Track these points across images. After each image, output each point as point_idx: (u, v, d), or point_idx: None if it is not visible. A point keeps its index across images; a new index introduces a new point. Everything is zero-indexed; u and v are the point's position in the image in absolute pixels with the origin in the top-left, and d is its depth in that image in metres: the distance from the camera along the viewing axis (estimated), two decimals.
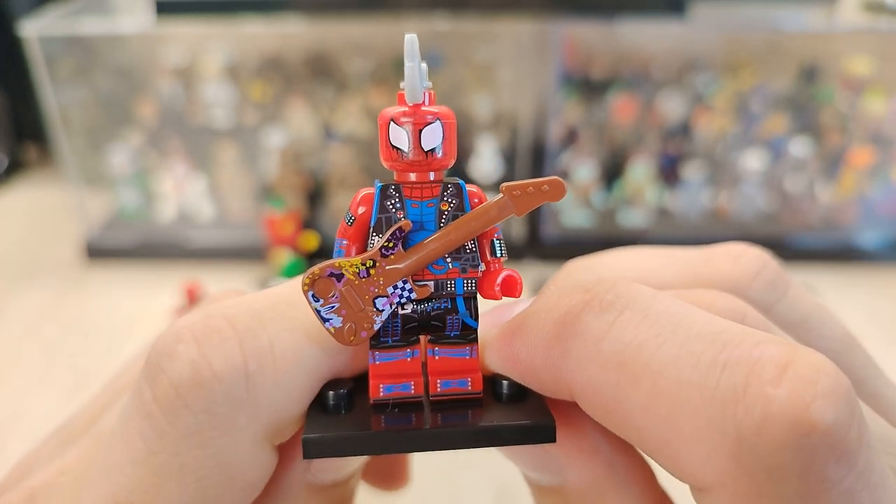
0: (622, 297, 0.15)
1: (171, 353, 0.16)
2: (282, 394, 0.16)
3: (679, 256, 0.20)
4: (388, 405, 0.17)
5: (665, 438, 0.13)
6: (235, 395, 0.16)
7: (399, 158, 0.16)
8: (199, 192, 0.81)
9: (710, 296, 0.17)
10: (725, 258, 0.19)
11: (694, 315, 0.14)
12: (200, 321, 0.16)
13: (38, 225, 0.86)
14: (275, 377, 0.16)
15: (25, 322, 0.67)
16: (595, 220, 0.80)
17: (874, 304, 0.69)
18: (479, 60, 0.83)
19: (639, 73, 0.82)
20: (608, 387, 0.14)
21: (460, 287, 0.17)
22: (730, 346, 0.13)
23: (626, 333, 0.14)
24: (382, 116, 0.17)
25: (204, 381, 0.16)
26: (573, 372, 0.15)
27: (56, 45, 0.75)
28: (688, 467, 0.13)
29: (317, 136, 0.81)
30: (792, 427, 0.12)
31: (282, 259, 0.73)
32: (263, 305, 0.17)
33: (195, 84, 0.82)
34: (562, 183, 0.16)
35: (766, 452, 0.12)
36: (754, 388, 0.12)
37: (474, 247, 0.17)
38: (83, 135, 0.82)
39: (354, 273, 0.16)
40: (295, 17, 0.74)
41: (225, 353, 0.16)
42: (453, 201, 0.17)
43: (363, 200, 0.17)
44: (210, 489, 0.16)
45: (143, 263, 0.77)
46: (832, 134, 0.79)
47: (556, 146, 0.78)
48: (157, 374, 0.16)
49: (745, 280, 0.19)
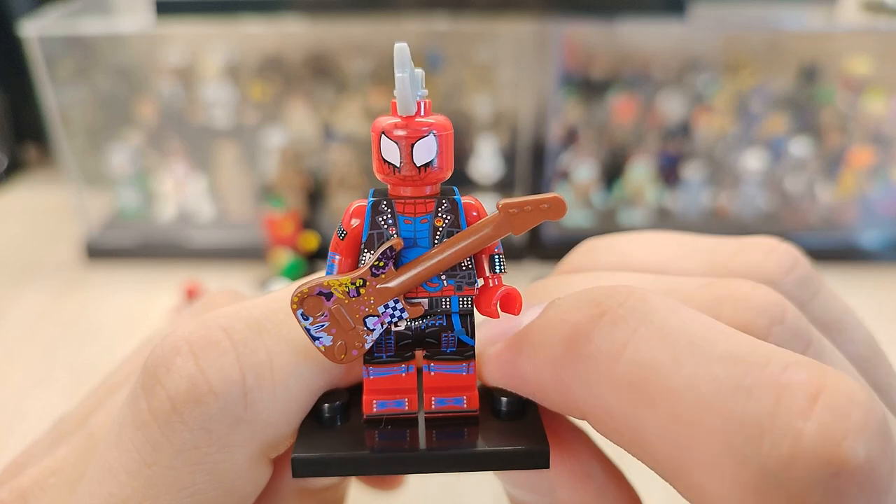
0: (636, 312, 0.14)
1: (169, 365, 0.16)
2: (279, 408, 0.16)
3: (704, 244, 0.19)
4: (381, 421, 0.17)
5: (682, 464, 0.13)
6: (232, 411, 0.16)
7: (391, 173, 0.16)
8: (199, 192, 0.81)
9: (747, 287, 0.16)
10: (757, 250, 0.18)
11: (715, 332, 0.13)
12: (198, 332, 0.16)
13: (38, 225, 0.86)
14: (272, 392, 0.16)
15: (25, 322, 0.67)
16: (595, 220, 0.80)
17: (875, 304, 0.69)
18: (479, 60, 0.83)
19: (639, 73, 0.82)
20: (622, 409, 0.13)
21: (455, 305, 0.17)
22: (755, 370, 0.12)
23: (642, 353, 0.13)
24: (375, 127, 0.16)
25: (201, 397, 0.15)
26: (584, 392, 0.14)
27: (56, 45, 0.75)
28: (705, 496, 0.13)
29: (317, 136, 0.81)
30: (822, 465, 0.11)
31: (282, 259, 0.73)
32: (262, 314, 0.17)
33: (195, 84, 0.82)
34: (562, 201, 0.15)
35: (794, 490, 0.11)
36: (782, 420, 0.12)
37: (470, 264, 0.16)
38: (83, 135, 0.82)
39: (344, 292, 0.16)
40: (295, 17, 0.74)
41: (222, 368, 0.16)
42: (448, 217, 0.16)
43: (355, 213, 0.16)
44: (204, 503, 0.16)
45: (143, 263, 0.77)
46: (832, 134, 0.79)
47: (556, 146, 0.78)
48: (154, 386, 0.16)
49: (779, 275, 0.17)
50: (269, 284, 0.71)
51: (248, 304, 0.17)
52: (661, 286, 0.17)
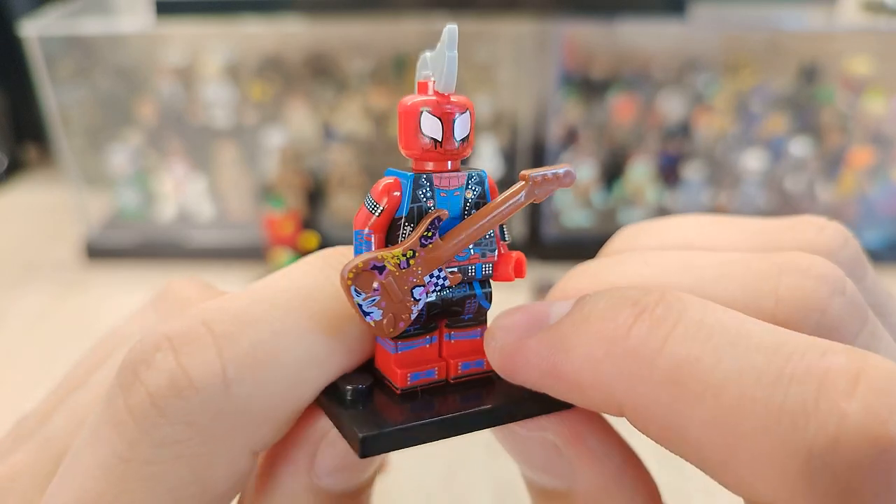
0: (673, 310, 0.14)
1: (148, 361, 0.15)
2: (264, 401, 0.16)
3: (751, 223, 0.19)
4: (416, 393, 0.17)
5: (727, 456, 0.13)
6: (214, 404, 0.15)
7: (431, 148, 0.16)
8: (199, 192, 0.81)
9: (807, 257, 0.16)
10: (809, 226, 0.18)
11: (749, 325, 0.13)
12: (180, 328, 0.16)
13: (38, 225, 0.86)
14: (256, 384, 0.16)
15: (25, 322, 0.67)
16: (595, 220, 0.80)
17: None
18: (479, 60, 0.83)
19: (639, 73, 0.82)
20: (663, 405, 0.14)
21: (479, 272, 0.18)
22: (795, 358, 0.12)
23: (682, 349, 0.13)
24: (410, 106, 0.16)
25: (181, 391, 0.15)
26: (625, 390, 0.14)
27: (56, 45, 0.75)
28: (753, 486, 0.13)
29: (317, 136, 0.81)
30: (869, 444, 0.11)
31: (281, 259, 0.73)
32: (245, 306, 0.16)
33: (195, 84, 0.82)
34: (572, 170, 0.17)
35: (842, 471, 0.11)
36: (826, 403, 0.12)
37: (492, 233, 0.18)
38: (83, 135, 0.82)
39: (395, 264, 0.16)
40: (295, 17, 0.74)
41: (203, 362, 0.15)
42: (477, 189, 0.17)
43: (390, 189, 0.17)
44: (182, 499, 0.16)
45: (143, 263, 0.77)
46: (832, 134, 0.79)
47: (556, 146, 0.78)
48: (133, 383, 0.15)
49: (834, 250, 0.17)
50: None
51: (231, 297, 0.17)
52: (715, 261, 0.17)
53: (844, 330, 0.15)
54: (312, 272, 0.17)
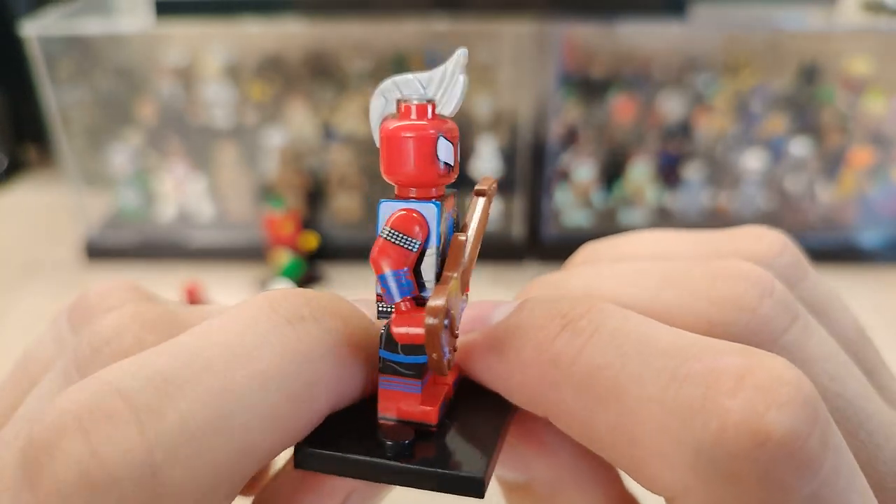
0: (594, 321, 0.15)
1: (54, 449, 0.12)
2: (206, 480, 0.13)
3: (699, 236, 0.20)
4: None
5: (633, 454, 0.14)
6: (139, 497, 0.12)
7: (445, 173, 0.16)
8: (199, 192, 0.81)
9: (735, 264, 0.17)
10: (748, 236, 0.19)
11: (660, 332, 0.14)
12: (88, 400, 0.13)
13: (38, 225, 0.86)
14: (192, 464, 0.13)
15: (25, 322, 0.67)
16: (595, 220, 0.80)
17: (874, 304, 0.69)
18: (479, 60, 0.83)
19: (639, 73, 0.82)
20: (579, 409, 0.15)
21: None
22: (691, 360, 0.13)
23: (595, 356, 0.14)
24: (425, 132, 0.15)
25: (94, 487, 0.12)
26: (547, 395, 0.15)
27: (56, 45, 0.75)
28: (656, 481, 0.13)
29: (317, 136, 0.81)
30: (748, 437, 0.12)
31: (282, 259, 0.73)
32: (169, 366, 0.13)
33: (195, 84, 0.82)
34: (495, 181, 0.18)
35: (724, 463, 0.12)
36: (711, 401, 0.12)
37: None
38: (83, 135, 0.82)
39: (455, 295, 0.15)
40: (295, 17, 0.74)
41: (122, 444, 0.12)
42: (456, 209, 0.17)
43: (422, 221, 0.16)
44: None
45: (143, 263, 0.77)
46: (832, 134, 0.79)
47: (556, 146, 0.78)
48: (38, 476, 0.12)
49: (769, 257, 0.18)
50: (269, 284, 0.71)
51: (150, 356, 0.14)
52: (660, 270, 0.18)
53: (773, 327, 0.16)
54: (258, 323, 0.15)
